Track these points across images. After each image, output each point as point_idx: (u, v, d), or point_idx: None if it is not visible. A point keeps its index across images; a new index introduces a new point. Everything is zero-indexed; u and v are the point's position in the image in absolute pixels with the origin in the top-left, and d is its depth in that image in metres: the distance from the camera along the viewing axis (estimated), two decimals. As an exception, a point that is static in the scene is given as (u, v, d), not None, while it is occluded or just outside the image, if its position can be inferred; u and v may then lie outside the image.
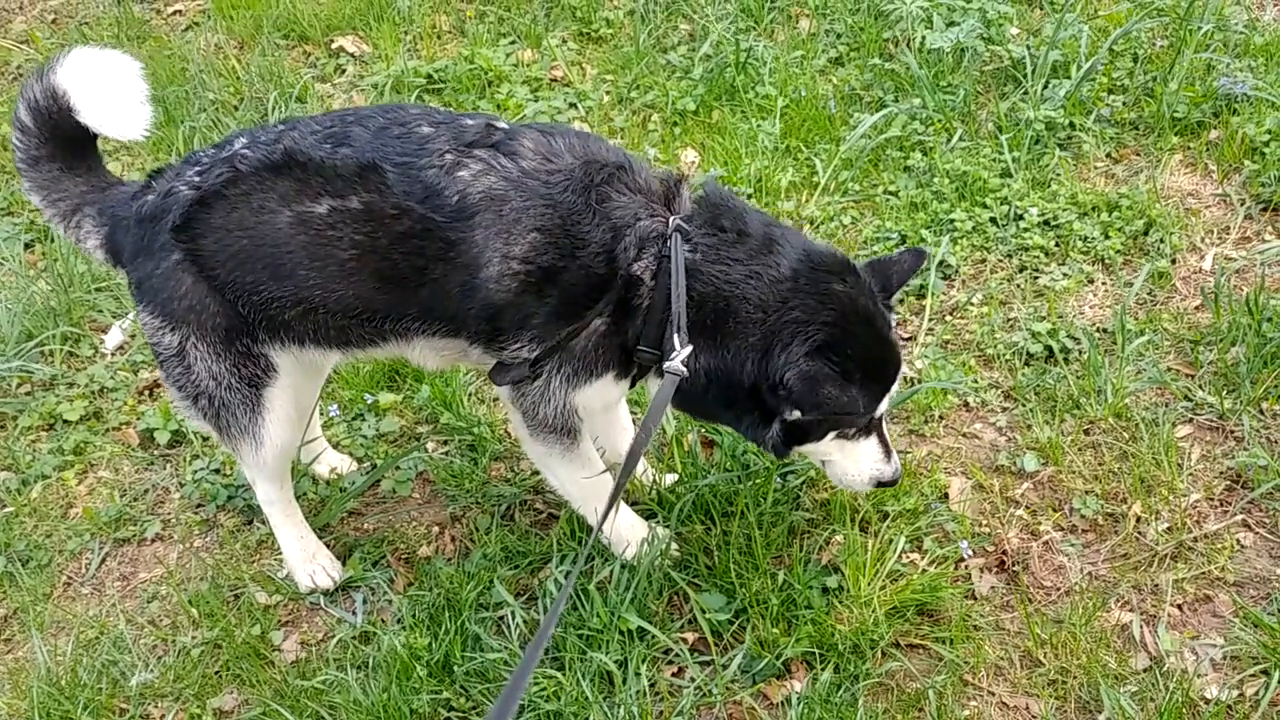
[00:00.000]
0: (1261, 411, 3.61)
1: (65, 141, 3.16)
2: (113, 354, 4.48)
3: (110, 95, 3.06)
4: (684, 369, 2.75)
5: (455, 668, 3.11)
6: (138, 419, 4.18)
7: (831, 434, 2.95)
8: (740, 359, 2.83)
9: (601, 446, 3.41)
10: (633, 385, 3.10)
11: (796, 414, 2.84)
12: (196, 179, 2.95)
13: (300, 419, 3.42)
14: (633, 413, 3.68)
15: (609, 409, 3.23)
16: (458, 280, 2.86)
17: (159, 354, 3.12)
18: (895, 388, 2.96)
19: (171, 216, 2.95)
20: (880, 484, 3.07)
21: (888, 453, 3.04)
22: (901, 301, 4.26)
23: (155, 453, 4.08)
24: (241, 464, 3.39)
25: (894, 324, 2.98)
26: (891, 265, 3.01)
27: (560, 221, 2.80)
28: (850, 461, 3.02)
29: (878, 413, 2.94)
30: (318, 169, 2.86)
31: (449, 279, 2.86)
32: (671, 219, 2.84)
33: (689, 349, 2.76)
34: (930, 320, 4.16)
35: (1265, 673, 2.93)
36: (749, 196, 4.84)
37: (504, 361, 2.96)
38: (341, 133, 2.90)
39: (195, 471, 3.96)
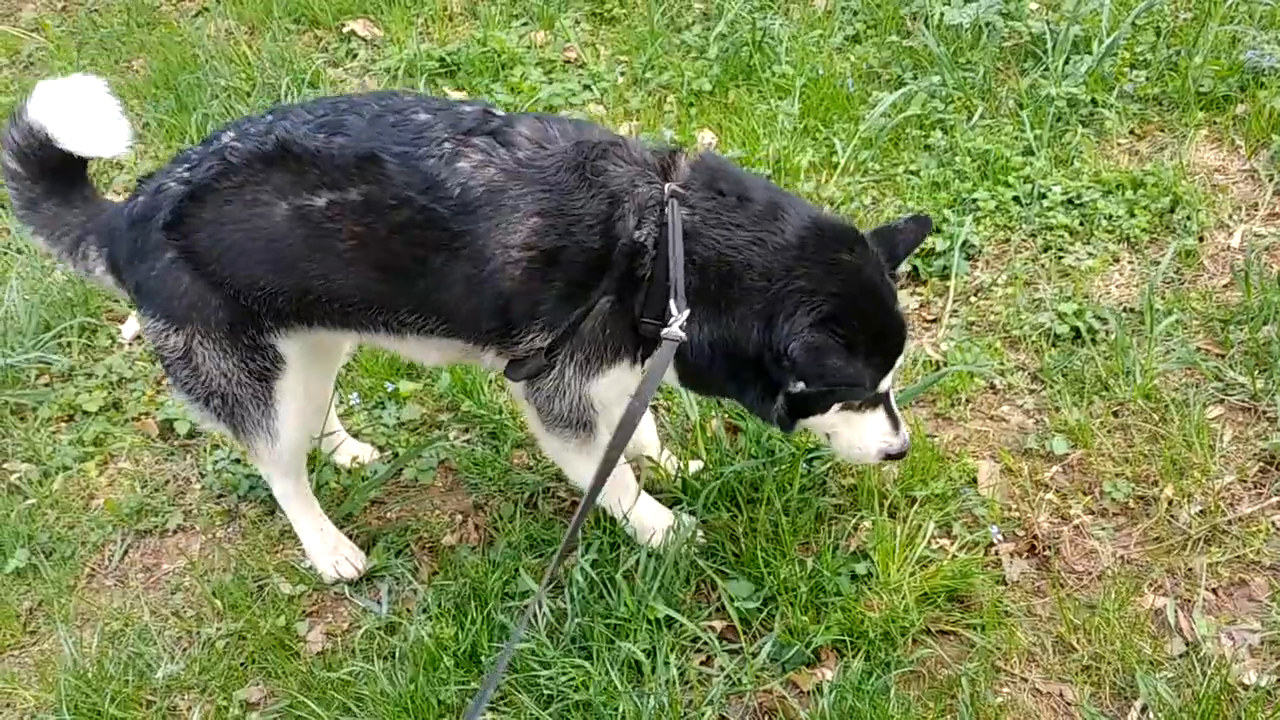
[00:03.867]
0: (1294, 391, 3.57)
1: (55, 175, 3.14)
2: (130, 344, 4.46)
3: (84, 116, 3.04)
4: (682, 334, 2.71)
5: (482, 658, 3.09)
6: (157, 409, 4.16)
7: (837, 406, 2.91)
8: (744, 328, 2.78)
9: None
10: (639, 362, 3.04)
11: (800, 386, 2.80)
12: (186, 174, 2.92)
13: (314, 411, 3.41)
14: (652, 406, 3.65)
15: (624, 399, 3.20)
16: (461, 273, 2.83)
17: (165, 358, 3.09)
18: (901, 359, 2.92)
19: (162, 214, 2.91)
20: (889, 456, 3.04)
21: (895, 424, 3.00)
22: (921, 280, 4.22)
23: (175, 443, 4.06)
24: (257, 461, 3.36)
25: (898, 293, 2.94)
26: (897, 234, 2.98)
27: (557, 202, 2.77)
28: (857, 434, 2.99)
29: (883, 385, 2.90)
30: (313, 159, 2.82)
31: (450, 271, 2.83)
32: (667, 185, 2.80)
33: (687, 313, 2.72)
34: (954, 302, 4.11)
35: (1304, 658, 2.90)
36: (768, 178, 4.78)
37: (518, 357, 2.92)
38: (335, 121, 2.86)
39: (216, 462, 3.94)
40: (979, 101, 4.91)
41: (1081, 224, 4.32)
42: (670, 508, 3.38)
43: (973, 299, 4.14)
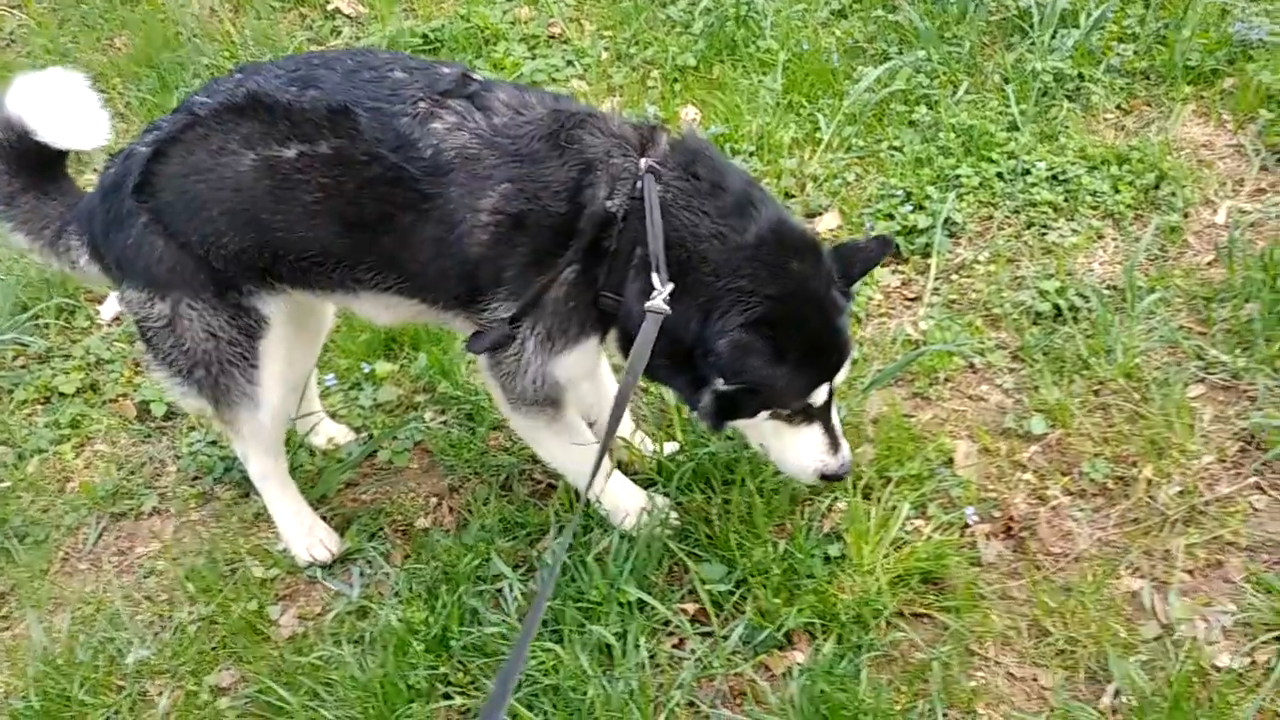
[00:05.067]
0: (1276, 370, 3.52)
1: (33, 168, 3.13)
2: (109, 325, 4.43)
3: (63, 108, 3.03)
4: (666, 307, 2.67)
5: (452, 642, 3.07)
6: (134, 391, 4.13)
7: (765, 413, 2.86)
8: (685, 318, 2.73)
9: (591, 419, 3.35)
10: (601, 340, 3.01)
11: (721, 382, 2.76)
12: (153, 137, 2.93)
13: (296, 379, 3.39)
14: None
15: (590, 376, 3.17)
16: (429, 235, 2.82)
17: (148, 330, 3.07)
18: (841, 376, 2.87)
19: (132, 178, 2.90)
20: (825, 477, 2.96)
21: (834, 444, 2.93)
22: (903, 258, 4.17)
23: (152, 425, 4.03)
24: (236, 436, 3.33)
25: (848, 311, 2.88)
26: (856, 252, 2.92)
27: (528, 169, 2.75)
28: (790, 448, 2.93)
29: (815, 399, 2.84)
30: (285, 111, 2.81)
31: (417, 232, 2.82)
32: (644, 160, 2.77)
33: (670, 286, 2.68)
34: (936, 280, 4.07)
35: (1278, 639, 2.86)
36: (751, 154, 4.75)
37: (482, 328, 2.89)
38: (308, 75, 2.85)
39: (191, 444, 3.92)
40: (964, 76, 4.85)
41: (1066, 200, 4.27)
42: (645, 490, 3.35)
43: (954, 276, 4.10)
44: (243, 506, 3.69)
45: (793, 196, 4.58)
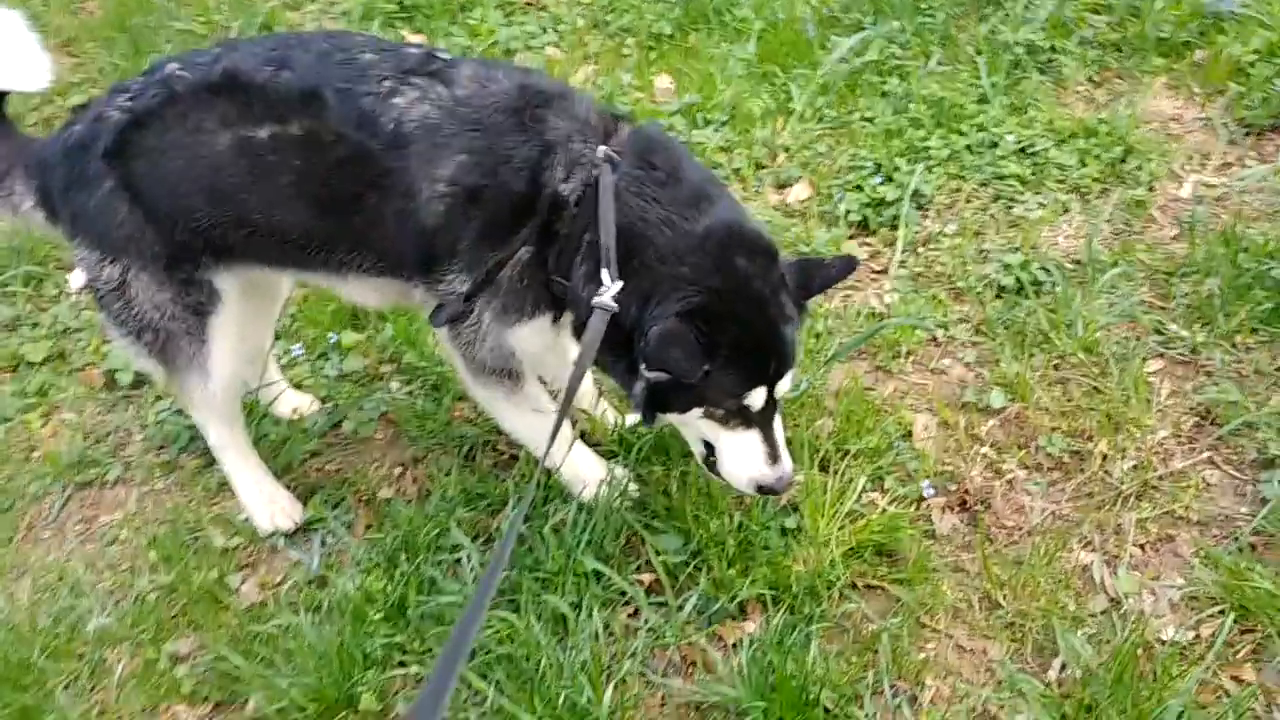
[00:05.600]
0: (1234, 345, 3.54)
1: None
2: (78, 293, 4.42)
3: (4, 50, 3.00)
4: (614, 304, 2.65)
5: (410, 611, 3.09)
6: (101, 360, 4.14)
7: (697, 411, 2.81)
8: (627, 302, 2.70)
9: (556, 388, 3.36)
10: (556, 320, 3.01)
11: (645, 370, 2.72)
12: (129, 103, 2.90)
13: (252, 356, 3.42)
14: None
15: (551, 351, 3.18)
16: (392, 209, 2.82)
17: (99, 290, 3.08)
18: (784, 386, 2.80)
19: (103, 141, 2.89)
20: (761, 489, 2.87)
21: (774, 455, 2.83)
22: (870, 231, 4.18)
23: (118, 394, 4.04)
24: (191, 405, 3.35)
25: (796, 321, 2.79)
26: (819, 268, 2.87)
27: (488, 141, 2.75)
28: (727, 454, 2.86)
29: (751, 403, 2.76)
30: (259, 92, 2.81)
31: (383, 207, 2.82)
32: (602, 148, 2.76)
33: (619, 284, 2.66)
34: (903, 253, 4.08)
35: (1223, 613, 2.89)
36: (724, 124, 4.75)
37: (441, 301, 2.90)
38: (283, 56, 2.85)
39: (158, 413, 3.92)
40: (937, 47, 4.84)
41: (1033, 173, 4.28)
42: (606, 461, 3.37)
43: (921, 249, 4.11)
44: (207, 476, 3.69)
45: (764, 167, 4.58)
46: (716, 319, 2.64)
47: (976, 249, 4.03)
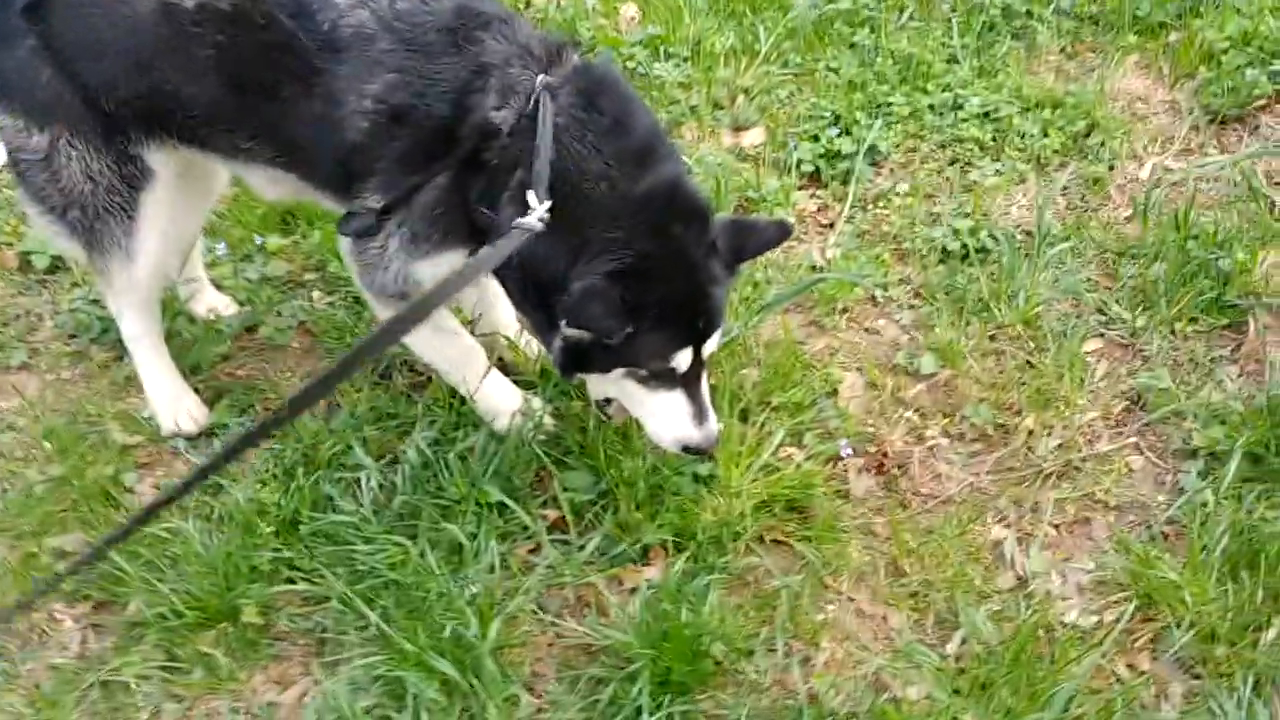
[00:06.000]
0: (1174, 332, 3.48)
1: None
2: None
3: None
4: (539, 224, 2.51)
5: (302, 527, 3.00)
6: (18, 241, 3.99)
7: (619, 370, 2.71)
8: (554, 253, 2.58)
9: (474, 316, 3.26)
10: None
11: (565, 325, 2.60)
12: None
13: (179, 243, 3.28)
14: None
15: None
16: (312, 111, 2.71)
17: (21, 162, 2.95)
18: (711, 346, 2.72)
19: None
20: (687, 449, 2.79)
21: (701, 415, 2.75)
22: (822, 183, 4.08)
23: (33, 278, 3.91)
24: (110, 291, 3.22)
25: (726, 283, 2.71)
26: (753, 231, 2.78)
27: (419, 62, 2.62)
28: (652, 414, 2.77)
29: (676, 365, 2.67)
30: None
31: (302, 106, 2.71)
32: (543, 77, 2.61)
33: (548, 203, 2.52)
34: (852, 208, 3.98)
35: (1127, 600, 2.85)
36: (685, 59, 4.62)
37: (353, 210, 2.78)
38: None
39: (72, 301, 3.80)
40: (911, 2, 4.72)
41: (994, 139, 4.18)
42: (524, 392, 3.27)
43: (871, 206, 4.01)
44: (115, 370, 3.57)
45: (722, 108, 4.46)
46: (645, 281, 2.54)
47: (927, 211, 3.94)
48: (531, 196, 2.55)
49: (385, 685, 2.71)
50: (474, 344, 3.15)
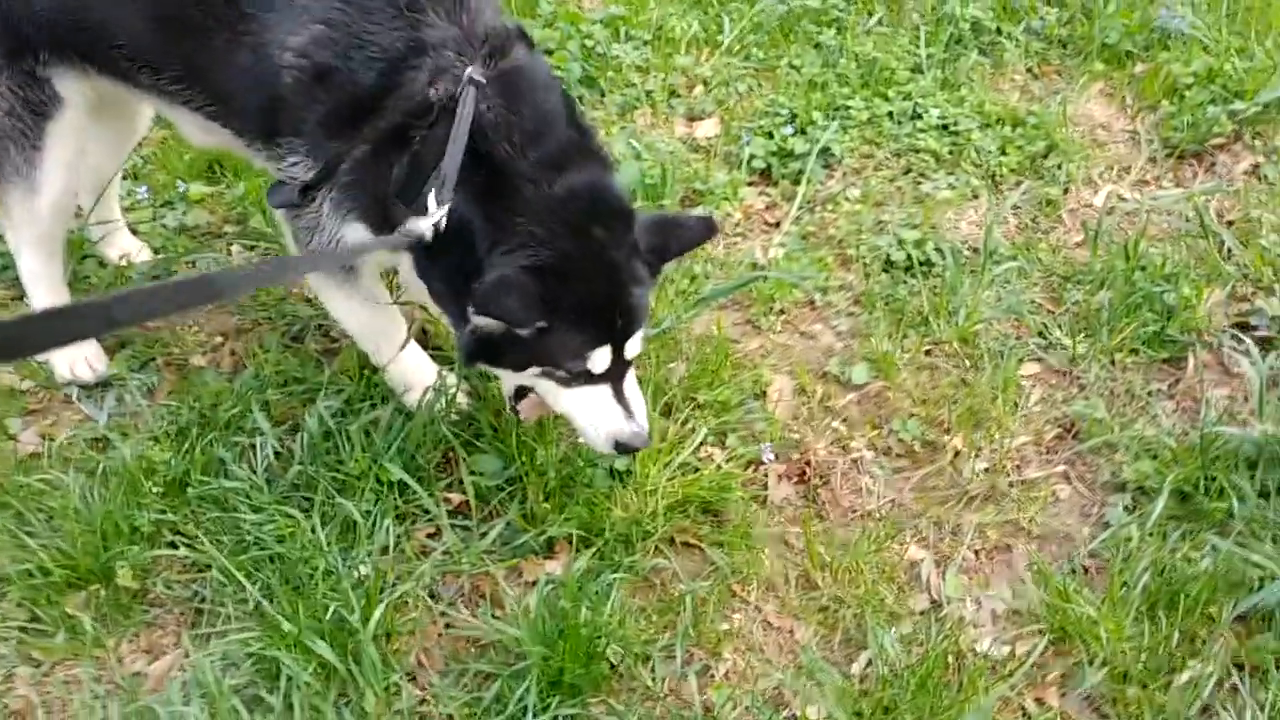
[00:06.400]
0: (1113, 362, 3.39)
1: None
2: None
3: None
4: (426, 233, 2.41)
5: (190, 490, 2.84)
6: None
7: (535, 370, 2.60)
8: (468, 241, 2.46)
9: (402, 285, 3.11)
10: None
11: (473, 312, 2.48)
12: None
13: (94, 182, 3.20)
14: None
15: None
16: (237, 60, 2.56)
17: None
18: (633, 347, 2.61)
19: None
20: (618, 446, 2.66)
21: (629, 412, 2.63)
22: (773, 181, 3.97)
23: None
24: (9, 224, 3.07)
25: (648, 283, 2.62)
26: (677, 229, 2.69)
27: (350, 17, 2.47)
28: (579, 411, 2.65)
29: (593, 366, 2.55)
30: None
31: (227, 53, 2.56)
32: (471, 69, 2.45)
33: (444, 211, 2.40)
34: (800, 209, 3.87)
35: (1041, 633, 2.75)
36: (645, 43, 4.49)
37: (282, 180, 2.64)
38: None
39: (-30, 233, 3.60)
40: (880, 6, 4.62)
41: (950, 152, 4.09)
42: (440, 368, 3.13)
43: (819, 209, 3.90)
44: (13, 309, 3.39)
45: (678, 96, 4.35)
46: (562, 279, 2.44)
47: (875, 219, 3.83)
48: (431, 199, 2.42)
49: (259, 664, 2.56)
50: (394, 313, 3.01)
